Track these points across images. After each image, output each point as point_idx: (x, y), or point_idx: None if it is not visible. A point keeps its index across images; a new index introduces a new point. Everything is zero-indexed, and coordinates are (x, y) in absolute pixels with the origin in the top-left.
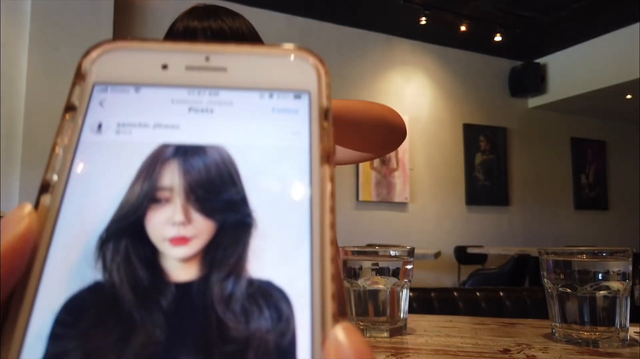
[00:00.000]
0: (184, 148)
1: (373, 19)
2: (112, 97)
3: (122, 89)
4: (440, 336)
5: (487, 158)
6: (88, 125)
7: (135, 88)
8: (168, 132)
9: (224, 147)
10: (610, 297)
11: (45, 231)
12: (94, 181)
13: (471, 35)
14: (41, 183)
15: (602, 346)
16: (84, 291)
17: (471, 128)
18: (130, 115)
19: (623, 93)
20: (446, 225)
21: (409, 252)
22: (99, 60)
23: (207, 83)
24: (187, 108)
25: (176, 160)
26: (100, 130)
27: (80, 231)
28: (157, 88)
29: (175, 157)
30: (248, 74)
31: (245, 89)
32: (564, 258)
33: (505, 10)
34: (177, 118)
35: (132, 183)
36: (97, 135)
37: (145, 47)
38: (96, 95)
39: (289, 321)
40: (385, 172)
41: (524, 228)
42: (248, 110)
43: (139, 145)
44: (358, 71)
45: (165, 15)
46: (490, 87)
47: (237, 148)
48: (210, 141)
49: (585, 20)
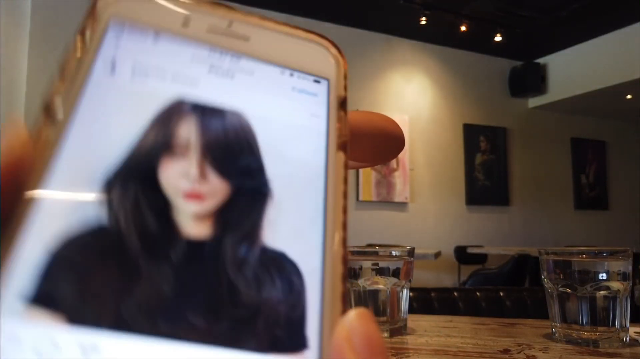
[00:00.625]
0: (203, 106)
1: (373, 19)
2: (129, 37)
3: (140, 32)
4: (440, 336)
5: (487, 158)
6: (101, 60)
7: (155, 34)
8: (187, 87)
9: (243, 113)
10: (610, 297)
11: (44, 162)
12: (104, 120)
13: (471, 35)
14: (43, 105)
15: (602, 346)
16: (85, 234)
17: (471, 128)
18: (147, 60)
19: (623, 93)
20: (446, 225)
21: (409, 252)
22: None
23: (229, 48)
24: (207, 68)
25: (195, 117)
26: (114, 69)
27: (84, 169)
28: (178, 41)
29: (193, 113)
30: (270, 48)
31: (267, 62)
32: (564, 258)
33: (505, 10)
34: (196, 75)
35: (147, 130)
36: (110, 73)
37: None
38: (112, 31)
39: (299, 296)
40: (385, 171)
41: (524, 228)
42: (268, 83)
43: (155, 92)
44: (358, 71)
45: None
46: (490, 87)
47: (256, 118)
48: (230, 105)
49: (585, 20)
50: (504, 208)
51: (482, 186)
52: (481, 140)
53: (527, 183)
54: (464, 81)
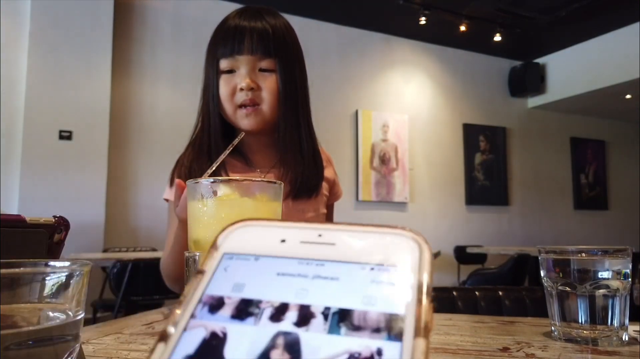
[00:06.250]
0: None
1: (373, 19)
2: (236, 261)
3: (244, 257)
4: (439, 334)
5: (486, 158)
6: (211, 287)
7: (255, 258)
8: (276, 294)
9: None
10: (609, 296)
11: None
12: (203, 339)
13: (471, 35)
14: (160, 334)
15: (602, 344)
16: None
17: (471, 128)
18: (246, 278)
19: (623, 93)
20: (446, 224)
21: None
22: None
23: (317, 256)
24: (295, 275)
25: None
26: (220, 290)
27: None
28: (273, 259)
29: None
30: (353, 249)
31: (349, 262)
32: (563, 256)
33: (505, 10)
34: (286, 284)
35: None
36: (216, 296)
37: (270, 224)
38: (225, 258)
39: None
40: (385, 171)
41: (523, 228)
42: (350, 281)
43: (250, 308)
44: (358, 71)
45: (164, 15)
46: (490, 86)
47: (338, 313)
48: (317, 305)
49: (585, 20)
50: (504, 208)
51: (481, 186)
52: (481, 140)
53: (527, 183)
54: (464, 81)
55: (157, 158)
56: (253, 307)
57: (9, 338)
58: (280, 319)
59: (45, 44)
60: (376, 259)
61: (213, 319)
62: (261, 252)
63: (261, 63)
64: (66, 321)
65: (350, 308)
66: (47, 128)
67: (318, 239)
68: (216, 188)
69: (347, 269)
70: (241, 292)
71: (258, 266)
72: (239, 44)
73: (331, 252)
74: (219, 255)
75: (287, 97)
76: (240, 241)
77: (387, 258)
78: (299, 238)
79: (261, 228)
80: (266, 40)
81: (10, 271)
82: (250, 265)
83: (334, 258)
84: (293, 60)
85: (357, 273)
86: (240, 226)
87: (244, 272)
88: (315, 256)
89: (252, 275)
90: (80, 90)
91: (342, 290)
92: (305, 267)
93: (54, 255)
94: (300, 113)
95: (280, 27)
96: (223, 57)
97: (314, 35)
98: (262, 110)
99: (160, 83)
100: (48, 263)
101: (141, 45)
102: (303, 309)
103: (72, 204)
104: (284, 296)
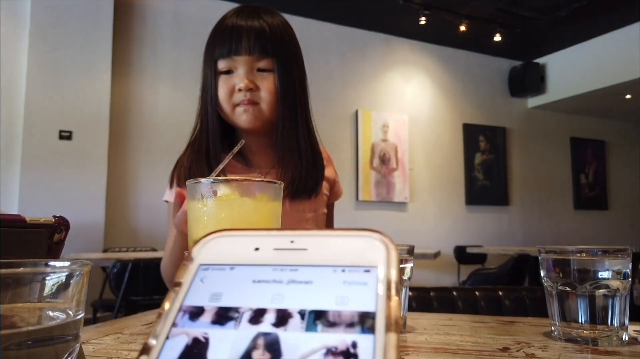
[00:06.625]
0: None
1: (373, 19)
2: (212, 272)
3: (220, 268)
4: (440, 334)
5: (486, 158)
6: (189, 298)
7: (231, 267)
8: (253, 301)
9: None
10: (609, 296)
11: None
12: (185, 348)
13: (471, 35)
14: (142, 346)
15: (602, 344)
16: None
17: (471, 128)
18: (223, 288)
19: (622, 93)
20: (446, 224)
21: (408, 251)
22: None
23: (290, 261)
24: (270, 281)
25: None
26: (198, 300)
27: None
28: (247, 267)
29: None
30: (324, 253)
31: (321, 265)
32: (563, 256)
33: (505, 10)
34: (262, 291)
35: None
36: (194, 306)
37: (243, 234)
38: (201, 269)
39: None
40: (385, 171)
41: (523, 228)
42: (323, 283)
43: (229, 316)
44: (358, 71)
45: (164, 15)
46: (490, 86)
47: (312, 314)
48: (291, 308)
49: (585, 20)
50: (504, 208)
51: (481, 186)
52: (481, 140)
53: (527, 183)
54: (464, 81)
55: (157, 158)
56: (232, 313)
57: (9, 338)
58: (259, 321)
59: (45, 44)
60: (347, 261)
61: (194, 326)
62: (236, 261)
63: (259, 64)
64: (66, 321)
65: (325, 309)
66: (47, 128)
67: (290, 245)
68: (216, 188)
69: (319, 272)
70: (219, 301)
71: (234, 275)
72: (236, 44)
73: (304, 257)
74: (194, 267)
75: (285, 96)
76: (215, 252)
77: (357, 260)
78: (272, 246)
79: (235, 237)
80: (263, 40)
81: (10, 271)
82: (226, 274)
83: (307, 262)
84: (291, 59)
85: (329, 275)
86: (215, 237)
87: (221, 282)
88: (288, 261)
89: (229, 284)
90: (80, 90)
91: (316, 292)
92: (279, 273)
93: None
94: (298, 113)
95: (277, 25)
96: (221, 57)
97: (314, 35)
98: (261, 109)
99: (160, 83)
100: (48, 263)
101: (141, 45)
102: (280, 312)
103: (72, 204)
104: (261, 303)
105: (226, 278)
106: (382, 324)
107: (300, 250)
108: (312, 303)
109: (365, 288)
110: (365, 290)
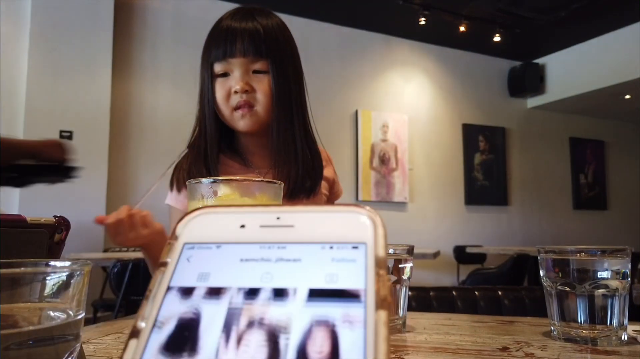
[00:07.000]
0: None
1: (372, 19)
2: (198, 250)
3: (206, 246)
4: (439, 334)
5: (486, 158)
6: (176, 278)
7: (217, 245)
8: (242, 280)
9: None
10: (608, 295)
11: None
12: (174, 329)
13: (470, 35)
14: (131, 329)
15: (601, 344)
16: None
17: (470, 128)
18: (210, 267)
19: (622, 93)
20: (445, 224)
21: (408, 250)
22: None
23: (277, 239)
24: (258, 259)
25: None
26: (185, 281)
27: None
28: (234, 245)
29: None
30: (311, 229)
31: (309, 242)
32: (562, 256)
33: (505, 10)
34: (250, 270)
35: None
36: (182, 287)
37: (228, 210)
38: (186, 248)
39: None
40: (384, 171)
41: (523, 228)
42: (311, 260)
43: (218, 296)
44: (358, 71)
45: (164, 15)
46: (490, 87)
47: (303, 291)
48: (279, 287)
49: (585, 21)
50: (503, 208)
51: (481, 186)
52: (480, 140)
53: (526, 183)
54: (463, 81)
55: (158, 158)
56: (221, 293)
57: (9, 337)
58: (250, 301)
59: (45, 44)
60: (334, 237)
61: (183, 308)
62: (222, 239)
63: (254, 65)
64: (67, 321)
65: (315, 287)
66: (47, 128)
67: (277, 222)
68: (216, 188)
69: (307, 249)
70: (207, 281)
71: (220, 254)
72: (231, 46)
73: (291, 234)
74: (179, 245)
75: (280, 97)
76: (200, 230)
77: (345, 236)
78: (258, 222)
79: (219, 214)
80: (258, 42)
81: (11, 271)
82: (213, 253)
83: (294, 239)
84: (286, 61)
85: (317, 252)
86: (199, 214)
87: (207, 261)
88: (276, 239)
89: (216, 263)
90: (80, 90)
91: (305, 271)
92: (267, 251)
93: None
94: (294, 114)
95: (272, 26)
96: (216, 60)
97: (314, 35)
98: (257, 112)
99: (160, 83)
100: (48, 263)
101: (142, 45)
102: (270, 292)
103: (72, 204)
104: (250, 282)
105: (213, 257)
106: (372, 302)
107: (288, 227)
108: (302, 282)
109: (355, 266)
110: (354, 268)
